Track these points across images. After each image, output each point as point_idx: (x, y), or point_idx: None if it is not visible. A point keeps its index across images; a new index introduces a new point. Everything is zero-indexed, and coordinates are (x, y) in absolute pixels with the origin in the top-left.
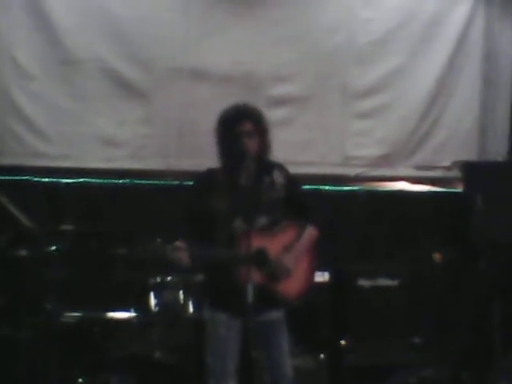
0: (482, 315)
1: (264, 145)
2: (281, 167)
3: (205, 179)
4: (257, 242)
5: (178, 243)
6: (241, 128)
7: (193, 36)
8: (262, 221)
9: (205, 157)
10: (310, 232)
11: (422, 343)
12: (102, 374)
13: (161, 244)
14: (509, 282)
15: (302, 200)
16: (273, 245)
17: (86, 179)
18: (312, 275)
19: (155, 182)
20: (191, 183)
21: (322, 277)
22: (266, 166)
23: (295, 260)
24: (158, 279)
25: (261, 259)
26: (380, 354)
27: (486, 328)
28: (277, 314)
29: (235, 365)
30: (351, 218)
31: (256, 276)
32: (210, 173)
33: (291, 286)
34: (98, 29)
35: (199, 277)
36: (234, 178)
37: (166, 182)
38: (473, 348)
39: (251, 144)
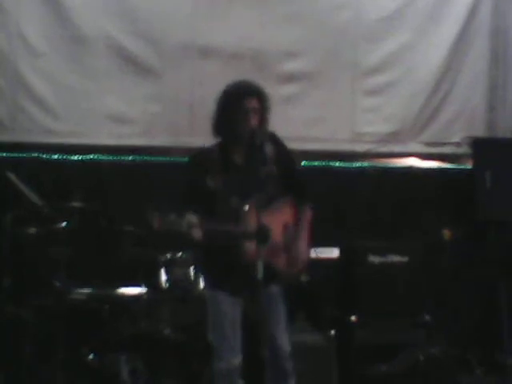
0: (489, 293)
1: (263, 121)
2: (275, 140)
3: (200, 160)
4: (257, 220)
5: (191, 218)
6: (248, 104)
7: (201, 13)
8: (258, 198)
9: None
10: (306, 213)
11: (431, 321)
12: (111, 351)
13: (177, 218)
14: None
15: (296, 176)
16: (273, 223)
17: (96, 156)
18: (308, 253)
19: (165, 159)
20: (186, 163)
21: (331, 253)
22: (259, 141)
23: (294, 239)
24: (169, 256)
25: (263, 236)
26: (389, 330)
27: (493, 306)
28: (275, 288)
29: (239, 342)
30: (360, 194)
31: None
32: (204, 152)
33: (289, 263)
34: (107, 6)
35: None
36: (229, 156)
37: (176, 159)
38: (480, 326)
39: (255, 121)
